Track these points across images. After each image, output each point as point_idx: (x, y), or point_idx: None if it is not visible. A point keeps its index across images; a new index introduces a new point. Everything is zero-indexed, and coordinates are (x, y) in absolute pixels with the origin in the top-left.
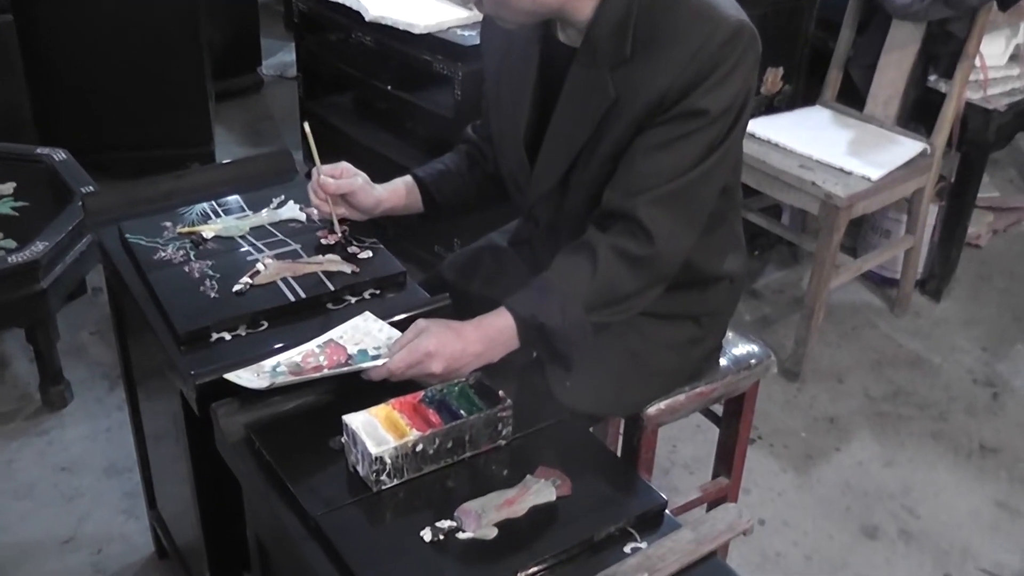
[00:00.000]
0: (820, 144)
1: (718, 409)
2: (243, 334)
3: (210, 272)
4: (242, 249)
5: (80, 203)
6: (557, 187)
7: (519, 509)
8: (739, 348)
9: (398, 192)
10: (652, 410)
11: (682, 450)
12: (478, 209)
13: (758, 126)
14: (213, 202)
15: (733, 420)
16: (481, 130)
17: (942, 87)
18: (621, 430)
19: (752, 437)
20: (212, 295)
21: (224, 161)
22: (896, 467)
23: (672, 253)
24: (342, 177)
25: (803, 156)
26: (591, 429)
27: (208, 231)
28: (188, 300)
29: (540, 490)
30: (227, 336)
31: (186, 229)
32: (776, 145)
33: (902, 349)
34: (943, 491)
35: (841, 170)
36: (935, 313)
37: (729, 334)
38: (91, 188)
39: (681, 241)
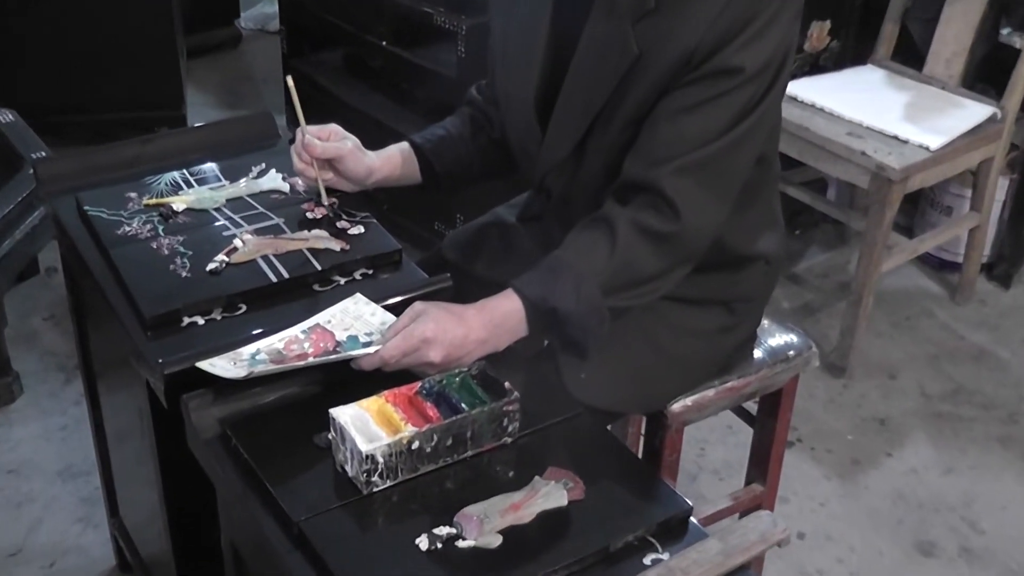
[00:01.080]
0: (872, 108)
1: (752, 407)
2: (218, 318)
3: (181, 249)
4: (217, 223)
5: (31, 171)
6: (571, 155)
7: (526, 514)
8: (776, 338)
9: (393, 160)
10: (677, 406)
11: (711, 453)
12: (483, 180)
13: (800, 88)
14: (184, 170)
15: (769, 419)
16: (487, 91)
17: (1016, 42)
18: (642, 429)
19: (790, 439)
20: (183, 274)
21: (197, 125)
22: (956, 475)
23: (700, 229)
24: (330, 140)
25: (852, 122)
26: (608, 427)
27: (179, 203)
28: (156, 280)
29: (550, 493)
30: (200, 320)
31: (154, 201)
32: (821, 109)
33: (964, 342)
34: (1011, 503)
35: (895, 138)
36: (1003, 301)
37: (765, 322)
38: (44, 154)
39: (710, 216)
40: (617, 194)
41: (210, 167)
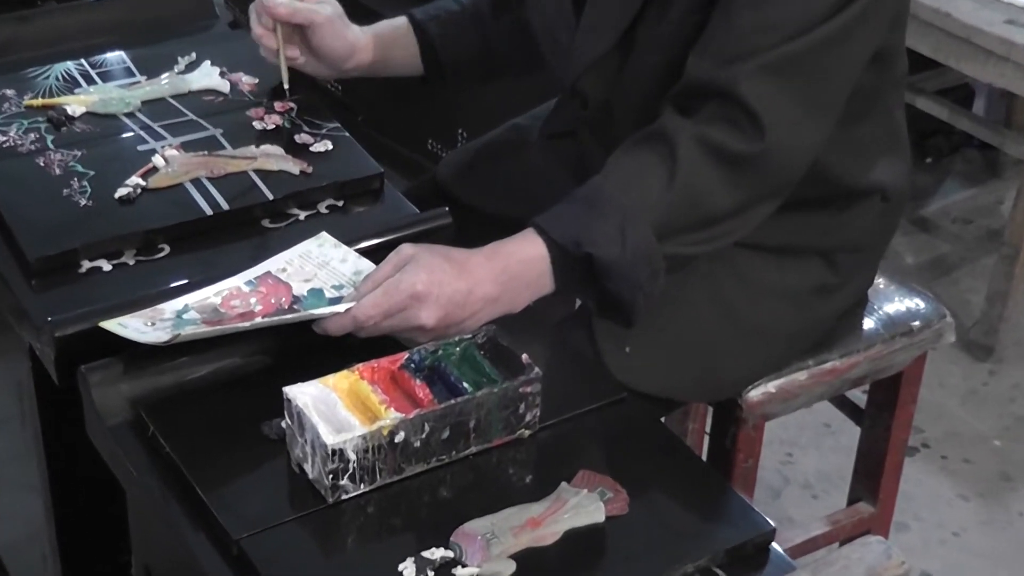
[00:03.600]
0: None
1: (860, 398)
2: (131, 263)
3: (79, 168)
4: (129, 134)
5: None
6: (615, 49)
7: (549, 534)
8: (895, 303)
9: (383, 38)
10: (755, 394)
11: (801, 459)
12: (503, 75)
13: None
14: (83, 60)
15: (882, 415)
16: None
17: None
18: (708, 423)
19: (913, 444)
20: (82, 203)
21: None
22: None
23: (791, 150)
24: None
25: (1013, 5)
26: (662, 419)
27: (75, 105)
28: (44, 210)
29: (581, 506)
30: (106, 266)
31: (39, 101)
32: None
33: None
34: None
35: None
36: None
37: (880, 281)
38: None
39: (806, 132)
40: (677, 102)
41: (118, 56)
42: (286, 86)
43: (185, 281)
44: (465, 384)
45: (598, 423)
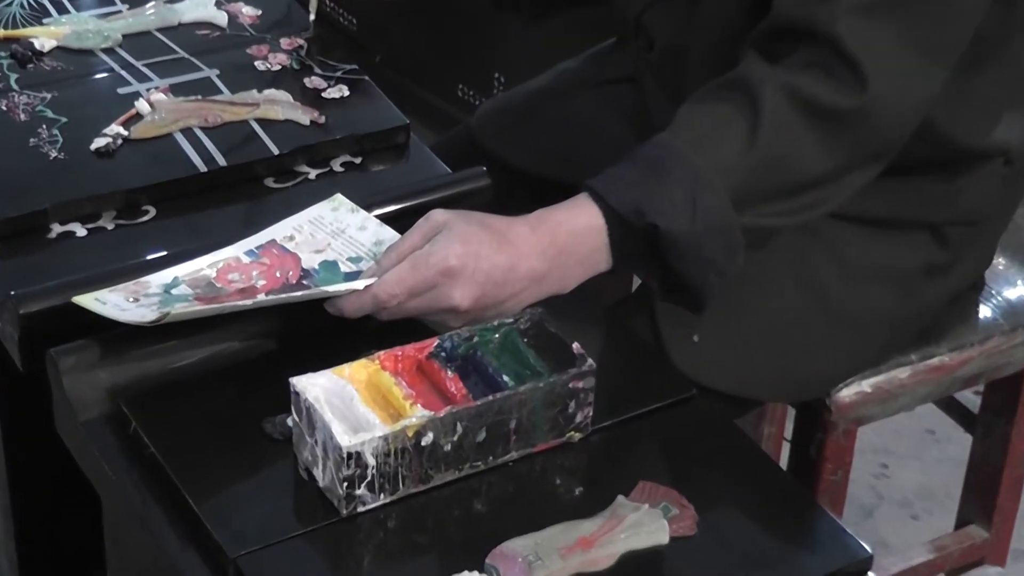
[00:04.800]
0: None
1: (973, 401)
2: (109, 227)
3: (48, 113)
4: (107, 73)
5: None
6: None
7: (603, 556)
8: (1017, 287)
9: None
10: (847, 394)
11: (900, 473)
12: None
13: None
14: None
15: (999, 422)
16: None
17: None
18: (787, 427)
19: None
20: (52, 155)
21: None
22: None
23: (897, 105)
24: None
25: None
26: (735, 421)
27: (44, 37)
28: (6, 163)
29: (641, 524)
30: (79, 230)
31: (1, 33)
32: None
33: None
34: None
35: None
36: None
37: (999, 261)
38: None
39: (915, 84)
40: (762, 44)
41: None
42: (312, 14)
43: (174, 250)
44: (505, 377)
45: (661, 425)
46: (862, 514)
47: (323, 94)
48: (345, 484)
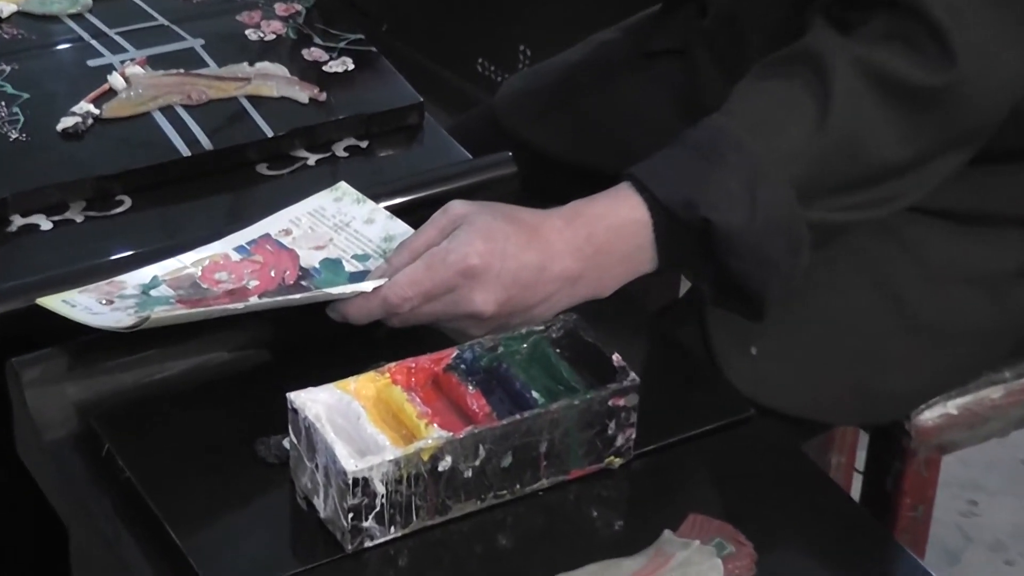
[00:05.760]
0: None
1: None
2: (78, 219)
3: (8, 89)
4: (76, 43)
5: None
6: None
7: None
8: None
9: None
10: (929, 416)
11: (990, 510)
12: None
13: None
14: None
15: None
16: None
17: None
18: (858, 455)
19: None
20: (12, 136)
21: None
22: None
23: (990, 84)
24: None
25: None
26: (801, 447)
27: (2, 1)
28: None
29: (691, 563)
30: (44, 223)
31: None
32: None
33: None
34: None
35: None
36: None
37: None
38: None
39: (1011, 60)
40: (832, 12)
41: None
42: None
43: (153, 246)
44: (534, 393)
45: (714, 450)
46: (947, 559)
47: (324, 68)
48: (350, 515)
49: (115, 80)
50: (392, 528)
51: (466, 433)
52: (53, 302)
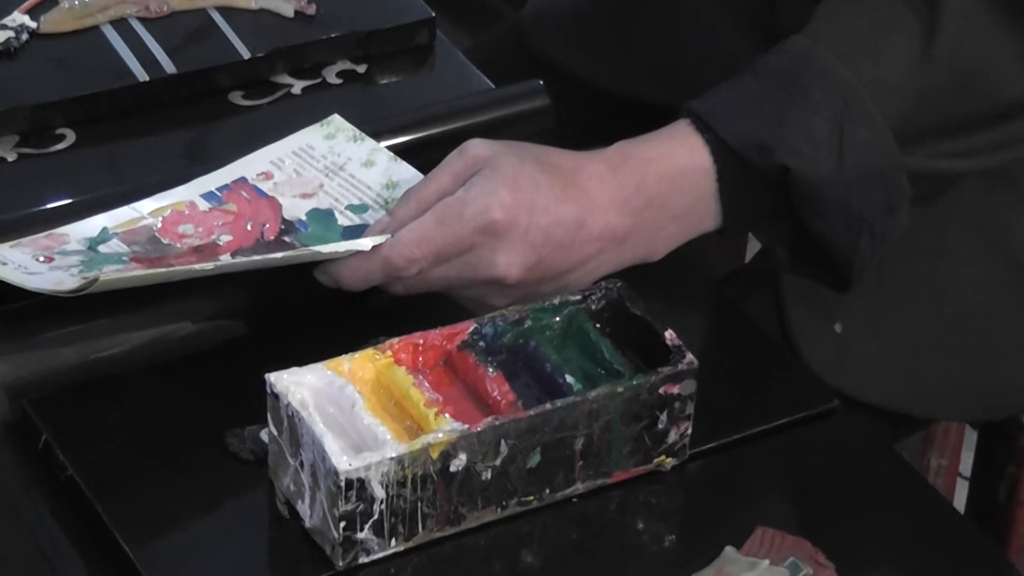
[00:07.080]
0: None
1: None
2: (11, 158)
3: None
4: None
5: None
6: None
7: None
8: None
9: None
10: None
11: None
12: None
13: None
14: None
15: None
16: None
17: None
18: (963, 457)
19: None
20: None
21: None
22: None
23: None
24: None
25: None
26: (894, 447)
27: None
28: None
29: None
30: None
31: None
32: None
33: None
34: None
35: None
36: None
37: None
38: None
39: None
40: None
41: None
42: None
43: (102, 191)
44: (569, 377)
45: (788, 450)
46: None
47: None
48: (343, 525)
49: None
50: (393, 541)
51: (485, 426)
52: None
